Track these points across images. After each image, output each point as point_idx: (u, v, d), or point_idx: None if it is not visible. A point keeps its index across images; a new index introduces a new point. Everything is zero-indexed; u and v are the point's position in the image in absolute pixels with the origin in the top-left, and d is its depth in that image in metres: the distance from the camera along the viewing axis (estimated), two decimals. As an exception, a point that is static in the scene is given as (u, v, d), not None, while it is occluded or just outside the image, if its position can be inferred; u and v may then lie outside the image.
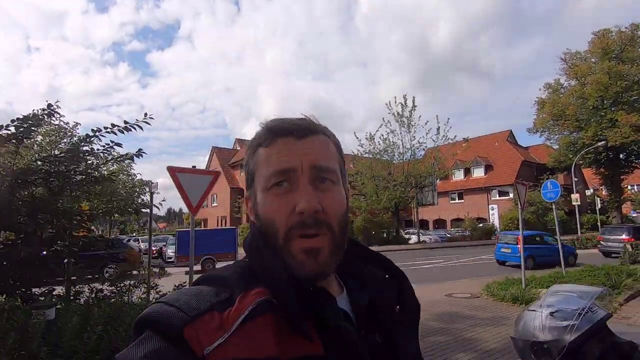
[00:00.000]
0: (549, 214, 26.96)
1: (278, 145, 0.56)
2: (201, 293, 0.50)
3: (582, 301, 1.02)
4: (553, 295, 1.11)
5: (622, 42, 26.01)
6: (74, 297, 3.76)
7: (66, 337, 2.72)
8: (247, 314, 0.47)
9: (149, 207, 5.22)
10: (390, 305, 0.60)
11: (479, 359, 4.18)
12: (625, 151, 26.54)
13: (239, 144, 39.56)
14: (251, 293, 0.50)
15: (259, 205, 0.56)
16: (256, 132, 0.61)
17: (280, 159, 0.55)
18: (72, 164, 3.77)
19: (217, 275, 0.55)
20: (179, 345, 0.44)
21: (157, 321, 0.46)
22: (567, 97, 27.90)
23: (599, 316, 0.99)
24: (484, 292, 7.74)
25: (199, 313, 0.47)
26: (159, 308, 0.48)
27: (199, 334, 0.45)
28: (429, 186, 25.14)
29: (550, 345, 0.98)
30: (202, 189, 4.48)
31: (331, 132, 0.62)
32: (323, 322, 0.50)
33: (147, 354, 0.44)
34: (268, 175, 0.55)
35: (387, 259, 0.65)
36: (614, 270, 8.26)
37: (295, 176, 0.54)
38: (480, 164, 35.66)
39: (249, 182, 0.61)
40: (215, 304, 0.48)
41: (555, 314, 1.02)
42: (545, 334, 1.00)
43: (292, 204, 0.53)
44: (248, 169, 0.61)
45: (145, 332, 0.47)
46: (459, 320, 5.82)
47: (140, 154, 3.88)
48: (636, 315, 5.80)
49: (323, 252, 0.53)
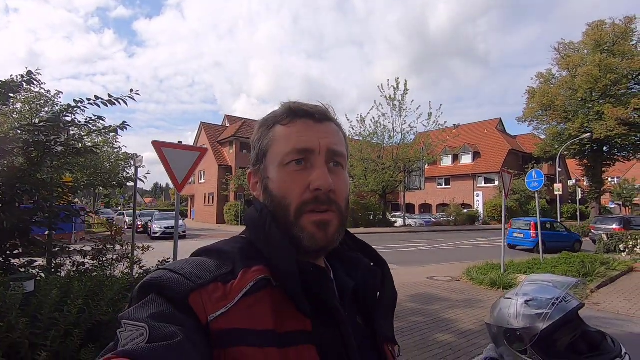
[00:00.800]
0: (532, 202, 27.67)
1: (298, 125, 0.60)
2: (204, 264, 0.53)
3: (557, 291, 1.05)
4: (529, 285, 1.13)
5: (615, 35, 26.08)
6: (55, 269, 3.71)
7: (46, 309, 2.69)
8: (248, 288, 0.51)
9: (133, 180, 5.13)
10: (373, 291, 0.63)
11: (454, 338, 4.34)
12: (608, 144, 27.11)
13: (228, 120, 38.84)
14: (252, 269, 0.53)
15: (272, 181, 0.59)
16: (273, 111, 0.64)
17: (301, 138, 0.58)
18: (53, 134, 3.64)
19: (219, 248, 0.57)
20: (184, 310, 0.47)
21: (163, 286, 0.49)
22: (557, 87, 28.09)
23: (572, 306, 1.02)
24: (464, 275, 7.98)
25: (203, 282, 0.49)
26: (165, 274, 0.50)
27: (204, 302, 0.48)
28: (417, 171, 25.38)
29: (523, 333, 1.01)
30: (188, 165, 4.40)
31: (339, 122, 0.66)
32: (318, 301, 0.53)
33: (152, 315, 0.46)
34: (287, 152, 0.58)
35: (372, 248, 0.69)
36: (588, 259, 8.58)
37: (312, 156, 0.58)
38: (468, 151, 36.04)
39: (260, 157, 0.62)
40: (218, 275, 0.51)
41: (530, 303, 1.04)
42: (519, 321, 1.03)
43: (307, 182, 0.56)
44: (261, 144, 0.62)
45: (150, 295, 0.48)
46: (437, 302, 6.00)
47: (125, 126, 3.76)
48: (606, 302, 6.08)
49: (332, 225, 0.57)
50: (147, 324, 0.44)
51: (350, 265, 0.64)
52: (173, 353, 0.42)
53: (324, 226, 0.56)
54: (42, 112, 13.30)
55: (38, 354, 2.21)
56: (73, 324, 2.59)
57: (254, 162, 0.64)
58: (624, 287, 7.20)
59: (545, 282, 1.11)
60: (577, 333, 1.05)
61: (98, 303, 2.83)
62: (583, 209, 28.13)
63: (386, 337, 0.62)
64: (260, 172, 0.62)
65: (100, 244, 3.89)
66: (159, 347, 0.42)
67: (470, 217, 29.35)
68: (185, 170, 4.37)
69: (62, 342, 2.46)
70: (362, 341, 0.58)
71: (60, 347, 2.45)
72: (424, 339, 4.30)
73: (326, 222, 0.56)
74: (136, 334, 0.44)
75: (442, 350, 4.00)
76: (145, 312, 0.46)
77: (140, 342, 0.43)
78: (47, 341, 2.34)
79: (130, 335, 0.44)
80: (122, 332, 0.45)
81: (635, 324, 4.99)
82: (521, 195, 29.32)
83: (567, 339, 1.03)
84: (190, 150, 4.54)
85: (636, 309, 5.65)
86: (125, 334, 0.45)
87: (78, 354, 2.50)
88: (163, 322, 0.45)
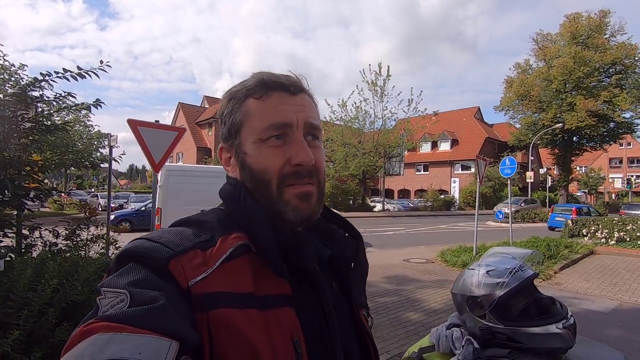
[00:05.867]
0: (505, 189, 28.73)
1: (273, 99, 0.58)
2: (183, 233, 0.54)
3: (514, 261, 1.15)
4: (491, 256, 1.23)
5: (589, 28, 26.84)
6: (26, 250, 3.61)
7: (19, 289, 2.64)
8: (228, 254, 0.52)
9: (107, 160, 4.98)
10: (348, 261, 0.65)
11: (425, 316, 4.56)
12: (578, 134, 28.28)
13: (207, 101, 37.88)
14: (231, 236, 0.54)
15: (250, 156, 0.59)
16: (241, 82, 0.62)
17: (278, 112, 0.58)
18: (19, 109, 3.47)
19: (196, 219, 0.58)
20: (164, 277, 0.48)
21: (142, 254, 0.49)
22: (534, 78, 28.83)
23: (527, 275, 1.12)
24: (438, 258, 8.28)
25: (183, 250, 0.50)
26: (143, 243, 0.51)
27: (184, 268, 0.49)
28: (397, 157, 25.76)
29: (482, 299, 1.11)
30: (165, 145, 4.32)
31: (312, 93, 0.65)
32: (297, 265, 0.55)
33: (131, 282, 0.46)
34: (264, 127, 0.57)
35: (347, 220, 0.71)
36: (554, 242, 9.07)
37: (291, 131, 0.58)
38: (447, 138, 36.77)
39: (232, 132, 0.61)
40: (197, 243, 0.52)
41: (490, 272, 1.13)
42: (480, 289, 1.12)
43: (286, 156, 0.57)
44: (233, 119, 0.61)
45: (129, 264, 0.49)
46: (411, 282, 6.24)
47: (99, 104, 3.62)
48: (567, 282, 6.50)
49: (313, 196, 0.59)
50: (127, 290, 0.44)
51: (326, 236, 0.66)
52: (156, 315, 0.42)
53: (307, 197, 0.58)
54: (6, 86, 12.54)
55: (10, 332, 2.18)
56: (47, 303, 2.55)
57: (226, 137, 0.63)
58: (585, 268, 7.69)
59: (504, 254, 1.21)
60: (530, 299, 1.15)
61: (73, 283, 2.79)
62: (552, 196, 29.48)
63: (360, 304, 0.65)
64: (234, 148, 0.61)
65: (73, 224, 3.80)
66: (141, 310, 0.42)
67: (446, 203, 30.23)
68: (162, 151, 4.28)
69: (35, 322, 2.43)
70: (338, 305, 0.60)
71: (34, 327, 2.42)
72: (397, 317, 4.49)
73: (308, 194, 0.58)
74: (117, 300, 0.44)
75: (415, 327, 4.19)
76: (125, 280, 0.46)
77: (122, 307, 0.43)
78: (20, 320, 2.31)
79: (110, 302, 0.44)
80: (102, 300, 0.45)
81: (591, 302, 5.38)
82: (495, 182, 30.36)
83: (521, 304, 1.14)
84: (167, 130, 4.45)
85: (593, 289, 6.07)
86: (105, 301, 0.45)
87: (52, 332, 2.47)
88: (144, 288, 0.45)
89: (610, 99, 25.64)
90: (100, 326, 0.41)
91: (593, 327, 4.36)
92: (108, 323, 0.41)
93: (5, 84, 14.00)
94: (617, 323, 4.55)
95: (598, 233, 10.61)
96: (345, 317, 0.62)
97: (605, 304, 5.31)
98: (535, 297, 1.15)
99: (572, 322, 1.06)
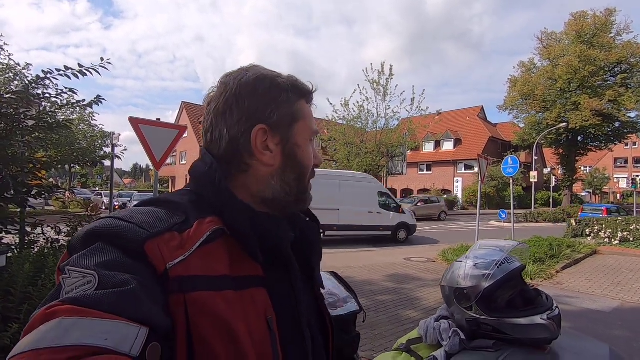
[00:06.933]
0: (509, 189, 28.58)
1: (310, 109, 0.69)
2: (156, 213, 0.53)
3: (501, 253, 1.16)
4: (479, 249, 1.24)
5: (595, 26, 26.62)
6: (28, 246, 3.65)
7: (19, 284, 2.68)
8: (205, 238, 0.52)
9: (110, 158, 5.01)
10: (312, 243, 0.69)
11: (424, 314, 4.56)
12: (583, 134, 28.05)
13: (211, 101, 37.91)
14: (207, 220, 0.54)
15: (303, 150, 0.65)
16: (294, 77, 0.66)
17: (313, 121, 0.68)
18: (23, 107, 3.51)
19: (166, 199, 0.58)
20: (137, 259, 0.46)
21: (114, 234, 0.47)
22: (538, 77, 28.63)
23: (513, 267, 1.13)
24: (439, 257, 8.27)
25: (159, 231, 0.49)
26: (113, 222, 0.49)
27: (162, 250, 0.48)
28: (400, 156, 25.66)
29: (469, 291, 1.12)
30: (166, 143, 4.34)
31: None
32: (273, 249, 0.58)
33: (101, 263, 0.43)
34: (312, 130, 0.67)
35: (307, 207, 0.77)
36: (556, 242, 9.01)
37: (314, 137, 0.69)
38: (450, 138, 36.60)
39: (287, 121, 0.63)
40: (173, 225, 0.51)
41: (477, 264, 1.15)
42: (467, 281, 1.13)
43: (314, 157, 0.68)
44: (291, 109, 0.63)
45: (97, 243, 0.46)
46: (412, 281, 6.24)
47: (100, 100, 3.66)
48: (569, 282, 6.46)
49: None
50: (95, 271, 0.42)
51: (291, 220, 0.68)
52: (125, 300, 0.41)
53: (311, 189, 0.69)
54: (11, 85, 12.67)
55: (9, 326, 2.22)
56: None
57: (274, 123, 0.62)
58: (587, 268, 7.64)
59: (492, 247, 1.22)
60: (516, 291, 1.16)
61: (73, 278, 2.82)
62: (556, 196, 29.30)
63: (320, 283, 0.72)
64: (286, 135, 0.63)
65: (76, 220, 3.84)
66: (109, 293, 0.40)
67: (449, 203, 30.12)
68: (163, 148, 4.31)
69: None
70: (303, 286, 0.64)
71: (34, 320, 2.45)
72: (397, 315, 4.50)
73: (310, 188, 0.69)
74: (83, 281, 0.42)
75: (414, 324, 4.18)
76: (93, 260, 0.44)
77: (88, 289, 0.41)
78: (20, 314, 2.34)
79: (75, 282, 0.42)
80: (67, 279, 0.43)
81: (593, 301, 5.35)
82: (498, 181, 30.21)
83: (507, 296, 1.15)
84: (168, 127, 4.48)
85: (595, 288, 6.03)
86: (69, 281, 0.42)
87: (53, 326, 2.50)
88: (114, 271, 0.43)
89: (615, 98, 25.41)
90: (65, 309, 0.39)
91: (594, 327, 4.34)
92: (73, 306, 0.39)
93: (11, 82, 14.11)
94: (618, 323, 4.53)
95: (601, 233, 10.54)
96: (309, 296, 0.67)
97: (607, 303, 5.28)
98: (521, 289, 1.16)
99: (557, 314, 1.07)
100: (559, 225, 17.40)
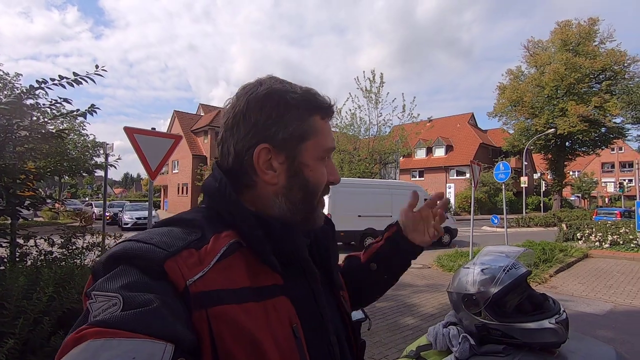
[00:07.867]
0: (500, 194, 28.90)
1: (328, 125, 0.66)
2: (172, 232, 0.54)
3: (508, 259, 1.18)
4: (485, 255, 1.26)
5: (579, 35, 27.36)
6: (20, 258, 3.57)
7: (13, 297, 2.62)
8: (222, 252, 0.53)
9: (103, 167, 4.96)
10: (327, 247, 0.70)
11: (421, 321, 4.56)
12: (570, 139, 28.61)
13: (203, 109, 37.84)
14: (223, 235, 0.55)
15: (312, 169, 0.62)
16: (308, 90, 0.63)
17: (330, 137, 0.66)
18: (16, 117, 3.46)
19: (180, 218, 0.59)
20: (158, 278, 0.47)
21: (135, 256, 0.48)
22: (526, 84, 29.24)
23: (520, 272, 1.15)
24: (434, 263, 8.30)
25: (177, 250, 0.50)
26: (133, 245, 0.50)
27: (180, 268, 0.49)
28: (392, 163, 25.83)
29: (478, 297, 1.13)
30: (162, 152, 4.32)
31: None
32: (291, 256, 0.58)
33: (124, 285, 0.45)
34: (326, 147, 0.64)
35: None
36: (548, 246, 9.12)
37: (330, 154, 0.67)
38: (441, 144, 37.00)
39: (295, 138, 0.60)
40: (190, 242, 0.52)
41: (484, 270, 1.16)
42: (475, 287, 1.15)
43: (327, 175, 0.65)
44: (300, 126, 0.61)
45: (119, 266, 0.48)
46: (408, 287, 6.24)
47: (93, 110, 3.63)
48: (562, 285, 6.54)
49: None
50: (119, 293, 0.43)
51: None
52: (149, 318, 0.42)
53: (323, 207, 0.67)
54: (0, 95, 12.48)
55: (5, 341, 2.16)
56: (42, 311, 2.53)
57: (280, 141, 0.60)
58: (579, 271, 7.74)
59: (498, 253, 1.24)
60: (524, 296, 1.18)
61: (69, 291, 2.77)
62: (546, 201, 29.70)
63: (340, 286, 0.71)
64: (292, 154, 0.61)
65: (69, 232, 3.78)
66: (134, 313, 0.42)
67: (442, 208, 30.27)
68: (159, 158, 4.28)
69: (31, 330, 2.41)
70: (324, 289, 0.64)
71: (29, 335, 2.39)
72: (395, 322, 4.49)
73: (324, 204, 0.67)
74: (109, 304, 0.43)
75: (412, 331, 4.19)
76: (116, 283, 0.45)
77: (114, 311, 0.42)
78: (15, 329, 2.28)
79: (102, 306, 0.43)
80: (93, 304, 0.44)
81: (587, 304, 5.41)
82: (490, 187, 30.54)
83: (515, 301, 1.16)
84: (164, 137, 4.45)
85: (588, 291, 6.11)
86: (96, 305, 0.44)
87: (48, 341, 2.45)
88: (137, 292, 0.44)
89: (601, 105, 26.02)
90: (92, 332, 0.40)
91: (588, 329, 4.39)
92: (100, 329, 0.40)
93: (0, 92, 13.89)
94: (612, 325, 4.58)
95: (592, 236, 10.69)
96: (330, 300, 0.66)
97: (600, 306, 5.35)
98: (528, 294, 1.18)
99: (564, 317, 1.09)
100: (550, 229, 17.61)
